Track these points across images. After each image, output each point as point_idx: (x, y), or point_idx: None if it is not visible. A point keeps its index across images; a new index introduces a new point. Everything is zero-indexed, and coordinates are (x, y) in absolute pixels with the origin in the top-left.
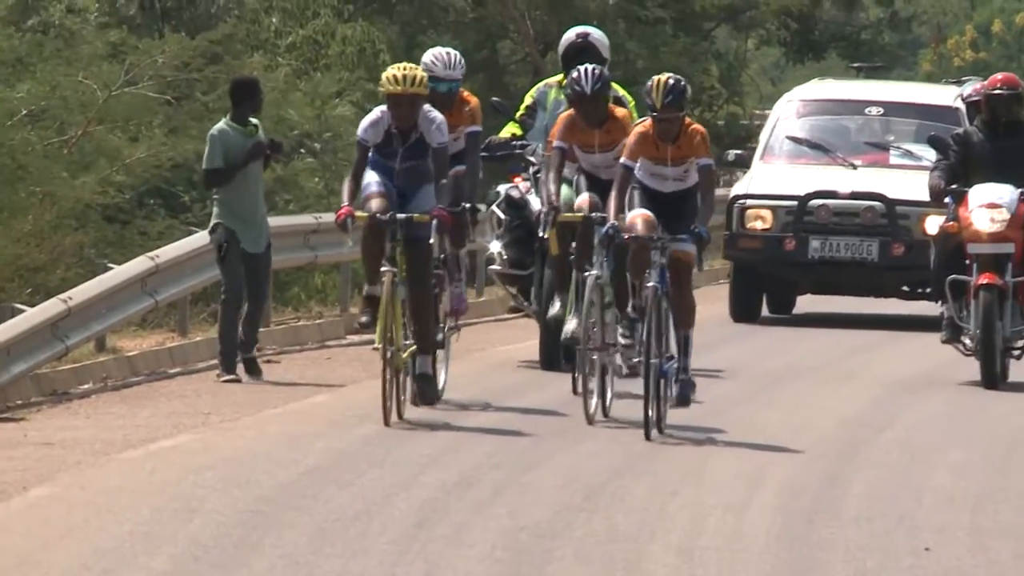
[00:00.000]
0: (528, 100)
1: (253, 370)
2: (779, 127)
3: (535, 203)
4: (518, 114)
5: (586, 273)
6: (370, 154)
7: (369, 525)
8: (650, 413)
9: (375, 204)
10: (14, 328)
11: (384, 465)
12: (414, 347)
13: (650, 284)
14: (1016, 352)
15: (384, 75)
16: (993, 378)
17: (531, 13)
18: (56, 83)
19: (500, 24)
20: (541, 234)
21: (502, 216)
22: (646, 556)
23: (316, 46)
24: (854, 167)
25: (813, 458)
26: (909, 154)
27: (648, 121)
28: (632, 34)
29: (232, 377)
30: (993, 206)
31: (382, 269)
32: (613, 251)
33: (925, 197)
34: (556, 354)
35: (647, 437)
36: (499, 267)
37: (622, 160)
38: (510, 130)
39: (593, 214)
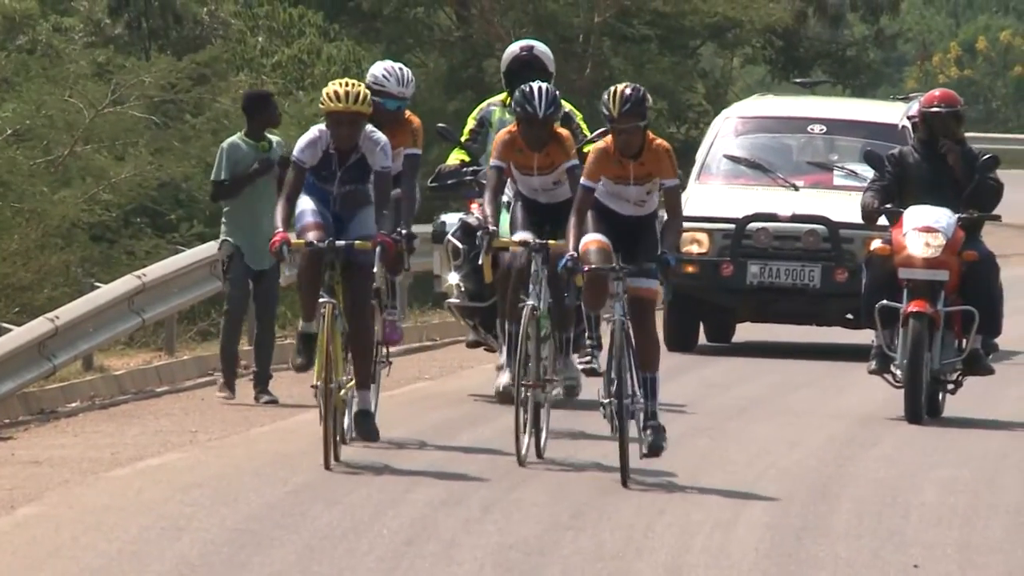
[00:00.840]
0: (471, 123)
1: (269, 399)
2: (716, 145)
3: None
4: (463, 139)
5: (521, 304)
6: (306, 177)
7: (357, 543)
8: (626, 459)
9: (311, 235)
10: (1, 347)
11: (373, 483)
12: (352, 383)
13: (616, 317)
14: (950, 386)
15: (324, 91)
16: (917, 413)
17: (516, 31)
18: (42, 102)
19: (486, 42)
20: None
21: (459, 245)
22: (634, 573)
23: (302, 65)
24: (795, 188)
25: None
26: (853, 174)
27: (607, 137)
28: (617, 51)
29: (227, 395)
30: (929, 230)
31: (320, 301)
32: (573, 283)
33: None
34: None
35: (624, 483)
36: (457, 300)
37: (582, 181)
38: (456, 156)
39: (532, 240)
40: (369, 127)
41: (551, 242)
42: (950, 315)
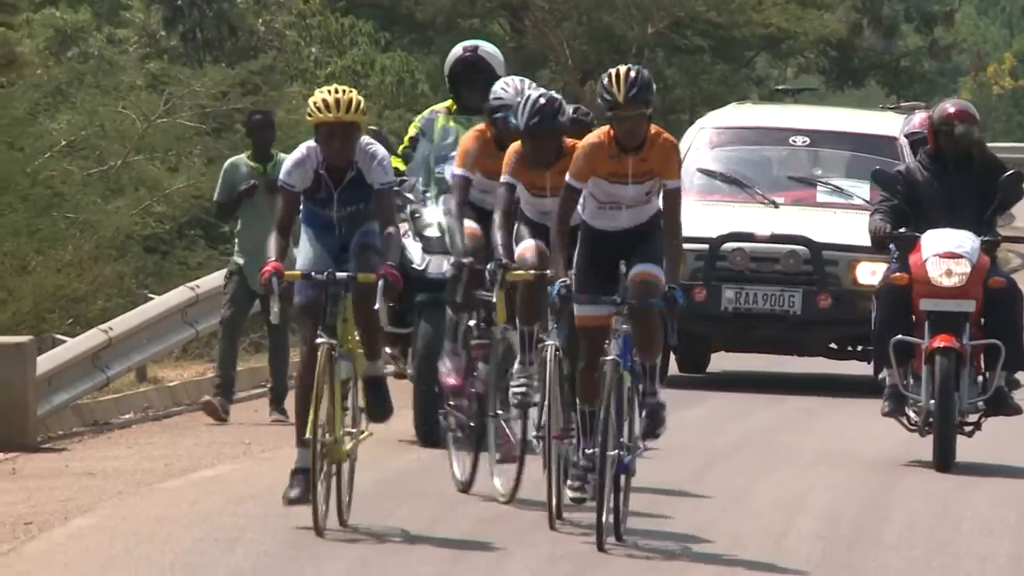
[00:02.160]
0: (412, 131)
1: (278, 417)
2: (689, 158)
3: (413, 250)
4: (401, 147)
5: (542, 344)
6: (301, 205)
7: (410, 555)
8: (604, 518)
9: (309, 302)
10: (55, 359)
11: (425, 494)
12: (364, 434)
13: (609, 358)
14: (968, 428)
15: (311, 100)
16: (948, 459)
17: (570, 43)
18: (95, 113)
19: (540, 53)
20: (492, 297)
21: None
22: None
23: (355, 76)
24: (775, 205)
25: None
26: (839, 191)
27: (603, 129)
28: (671, 62)
29: (217, 412)
30: (952, 256)
31: (317, 341)
32: (566, 315)
33: (856, 241)
34: (435, 426)
35: (600, 547)
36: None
37: (568, 180)
38: (392, 164)
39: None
40: (365, 139)
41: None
42: (974, 350)
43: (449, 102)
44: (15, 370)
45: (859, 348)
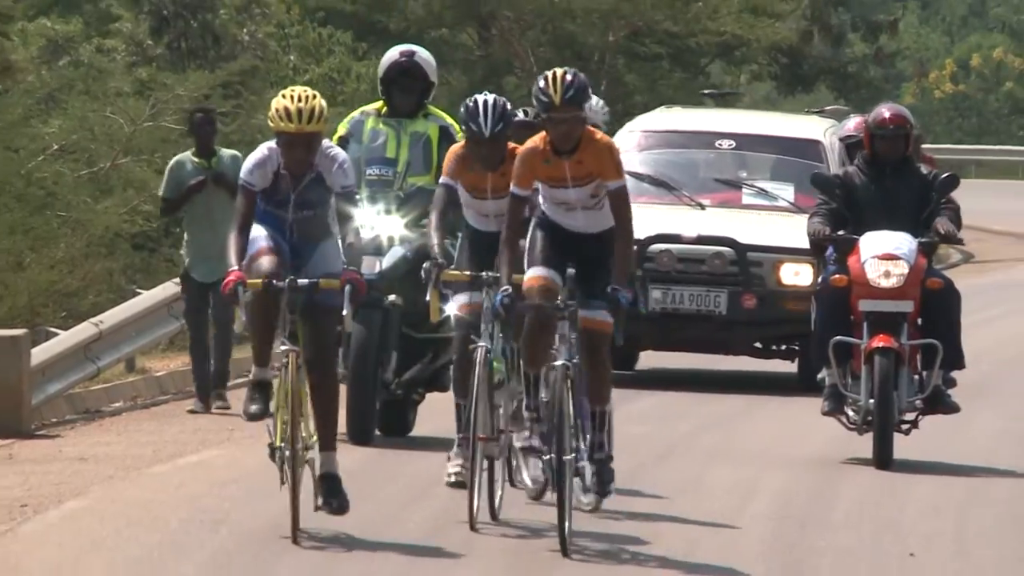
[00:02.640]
0: (342, 130)
1: (222, 404)
2: None
3: (397, 252)
4: None
5: (472, 346)
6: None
7: (387, 533)
8: (566, 524)
9: (265, 263)
10: (49, 350)
11: (399, 479)
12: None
13: (558, 363)
14: (905, 426)
15: (274, 105)
16: (887, 457)
17: (535, 50)
18: (85, 118)
19: (506, 60)
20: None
21: None
22: None
23: (332, 83)
24: (701, 207)
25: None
26: (764, 193)
27: (539, 135)
28: (631, 68)
29: (193, 408)
30: (890, 257)
31: (283, 348)
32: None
33: (780, 242)
34: (367, 425)
35: (565, 553)
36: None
37: (512, 188)
38: None
39: (485, 273)
40: (326, 142)
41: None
42: (911, 349)
43: (379, 104)
44: (11, 361)
45: (783, 347)
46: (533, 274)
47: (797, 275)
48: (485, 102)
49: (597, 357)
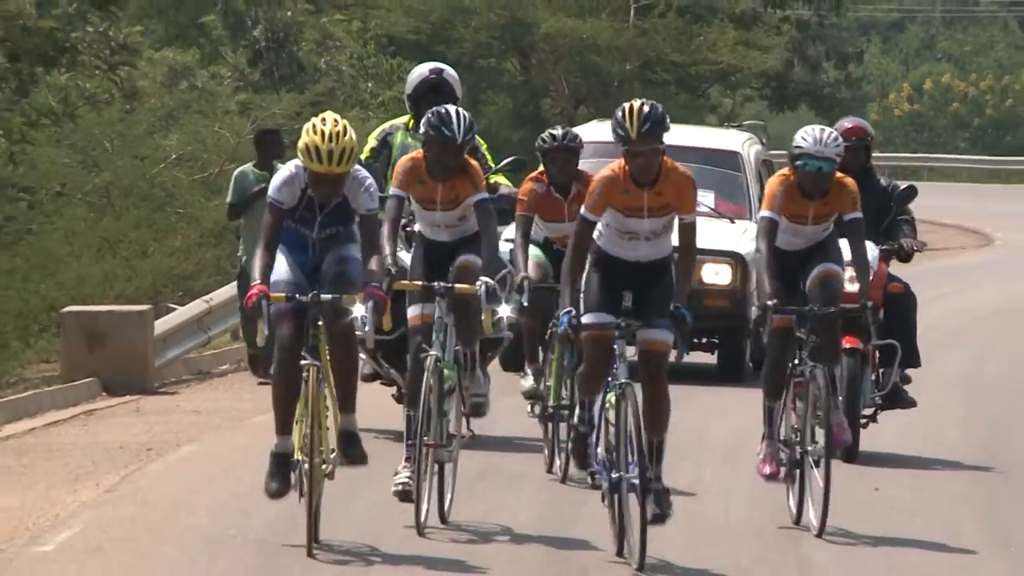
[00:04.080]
0: (373, 141)
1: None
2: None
3: (405, 260)
4: (364, 156)
5: (423, 355)
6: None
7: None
8: (632, 540)
9: (286, 330)
10: (168, 323)
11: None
12: (334, 453)
13: (620, 381)
14: (863, 420)
15: (304, 137)
16: (853, 449)
17: (566, 77)
18: (197, 132)
19: (542, 85)
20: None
21: None
22: None
23: (402, 104)
24: None
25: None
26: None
27: (618, 163)
28: (645, 92)
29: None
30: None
31: (303, 363)
32: (569, 347)
33: (703, 244)
34: None
35: (640, 570)
36: (359, 332)
37: (583, 213)
38: None
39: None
40: (353, 167)
41: (458, 287)
42: (873, 350)
43: (407, 118)
44: (137, 332)
45: (704, 340)
46: (588, 321)
47: (717, 275)
48: (457, 111)
49: (657, 383)
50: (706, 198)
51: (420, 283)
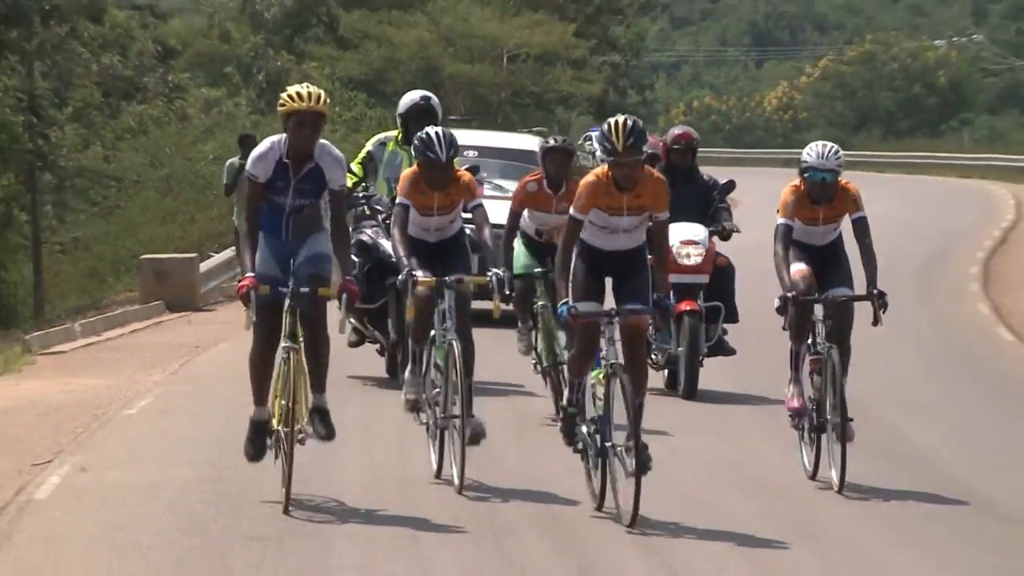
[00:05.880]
0: (369, 146)
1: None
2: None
3: (386, 245)
4: (359, 158)
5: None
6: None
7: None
8: (622, 501)
9: (266, 318)
10: (209, 264)
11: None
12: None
13: (610, 361)
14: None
15: (284, 95)
16: (694, 389)
17: (463, 103)
18: (225, 142)
19: (447, 108)
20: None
21: (354, 259)
22: None
23: (356, 122)
24: None
25: None
26: (499, 188)
27: (601, 168)
28: (514, 111)
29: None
30: (691, 243)
31: (283, 345)
32: (568, 331)
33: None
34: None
35: (631, 524)
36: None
37: (573, 213)
38: (354, 165)
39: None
40: (324, 141)
41: (469, 278)
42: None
43: (397, 133)
44: (189, 270)
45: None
46: (582, 310)
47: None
48: (437, 134)
49: (638, 354)
50: (510, 186)
51: (434, 279)
